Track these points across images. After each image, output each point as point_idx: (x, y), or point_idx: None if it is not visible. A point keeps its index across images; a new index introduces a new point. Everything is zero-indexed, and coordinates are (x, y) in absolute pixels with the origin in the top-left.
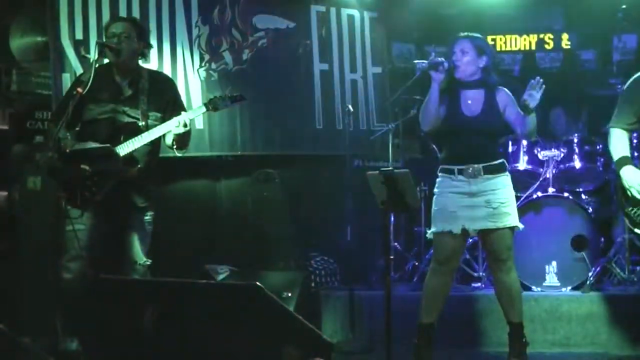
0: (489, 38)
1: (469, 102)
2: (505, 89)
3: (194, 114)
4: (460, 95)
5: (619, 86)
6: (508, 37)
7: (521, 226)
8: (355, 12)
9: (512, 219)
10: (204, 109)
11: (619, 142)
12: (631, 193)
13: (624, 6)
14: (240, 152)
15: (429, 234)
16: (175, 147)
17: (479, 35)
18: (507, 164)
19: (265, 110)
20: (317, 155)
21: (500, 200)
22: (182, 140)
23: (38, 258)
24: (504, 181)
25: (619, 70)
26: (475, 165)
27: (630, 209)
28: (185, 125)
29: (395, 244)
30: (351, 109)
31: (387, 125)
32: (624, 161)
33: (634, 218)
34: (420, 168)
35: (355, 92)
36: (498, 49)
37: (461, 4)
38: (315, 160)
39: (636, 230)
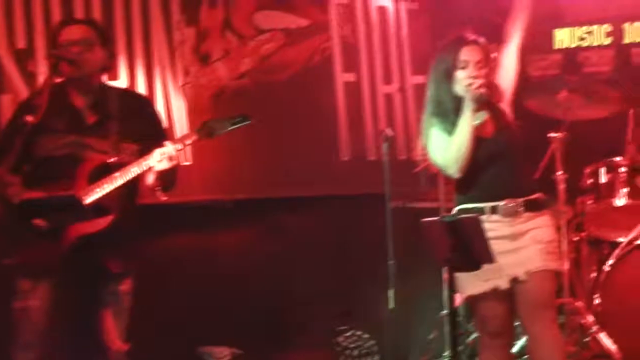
0: (566, 30)
1: (489, 122)
2: None
3: (182, 143)
4: (486, 115)
5: None
6: (594, 28)
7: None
8: (389, 3)
9: (562, 262)
10: (194, 137)
11: None
12: None
13: None
14: (241, 195)
15: (458, 301)
16: (158, 189)
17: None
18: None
19: (273, 138)
20: (343, 196)
21: (549, 237)
22: (167, 179)
23: None
24: (549, 219)
25: None
26: (511, 201)
27: None
28: (170, 159)
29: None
30: (389, 132)
31: None
32: None
33: None
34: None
35: (391, 110)
36: (579, 43)
37: None
38: (341, 202)
39: None
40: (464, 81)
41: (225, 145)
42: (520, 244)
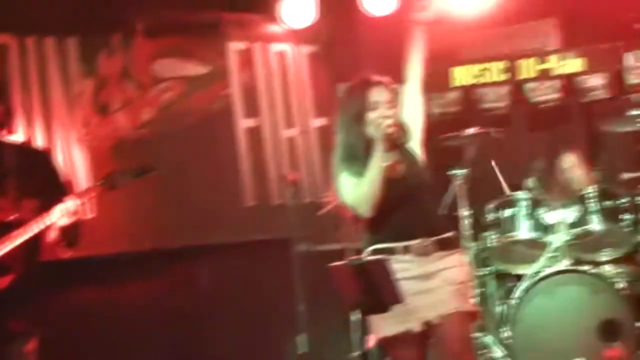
0: (463, 69)
1: (399, 162)
2: None
3: (83, 197)
4: (396, 156)
5: None
6: (490, 65)
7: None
8: (288, 48)
9: (475, 304)
10: (97, 190)
11: None
12: None
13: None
14: (148, 246)
15: (372, 343)
16: (62, 245)
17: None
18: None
19: (176, 187)
20: (250, 243)
21: (461, 278)
22: (71, 234)
23: None
24: (463, 258)
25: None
26: (423, 240)
27: None
28: (72, 215)
29: None
30: (293, 176)
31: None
32: None
33: None
34: None
35: (294, 153)
36: (476, 81)
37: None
38: (248, 248)
39: None
40: (375, 122)
41: (130, 196)
42: (432, 285)
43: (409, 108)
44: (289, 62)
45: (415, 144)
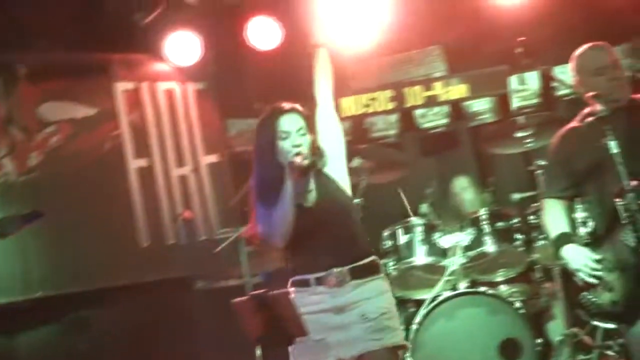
0: (351, 99)
1: (310, 190)
2: None
3: None
4: (302, 186)
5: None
6: (377, 94)
7: (409, 345)
8: (176, 86)
9: (398, 334)
10: None
11: (554, 216)
12: (581, 277)
13: (522, 38)
14: (38, 293)
15: None
16: None
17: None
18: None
19: (67, 232)
20: (146, 284)
21: (380, 310)
22: None
23: None
24: (382, 285)
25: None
26: (337, 270)
27: (582, 296)
28: None
29: None
30: (187, 215)
31: (235, 231)
32: (563, 239)
33: (589, 306)
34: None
35: (187, 192)
36: (364, 110)
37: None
38: (144, 289)
39: (594, 321)
40: (284, 151)
41: (20, 243)
42: (346, 320)
43: (324, 132)
44: (178, 100)
45: (336, 168)
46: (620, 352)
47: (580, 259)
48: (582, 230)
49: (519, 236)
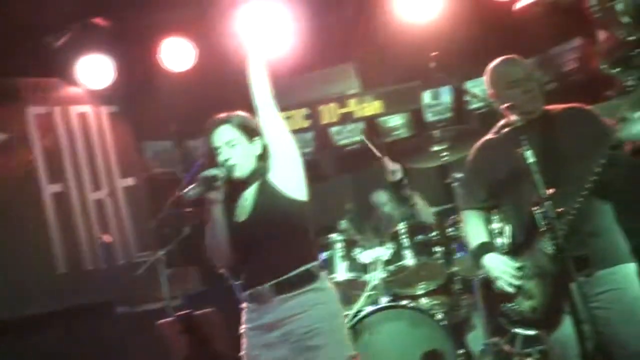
0: None
1: (246, 202)
2: None
3: None
4: (240, 199)
5: (444, 154)
6: (293, 112)
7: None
8: (89, 109)
9: (329, 351)
10: None
11: (473, 227)
12: (500, 285)
13: (435, 52)
14: None
15: None
16: None
17: (239, 113)
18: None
19: None
20: (65, 310)
21: (302, 330)
22: None
23: None
24: (313, 298)
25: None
26: (260, 287)
27: (503, 304)
28: None
29: None
30: (106, 239)
31: (154, 254)
32: (483, 249)
33: (510, 314)
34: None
35: (103, 216)
36: None
37: (229, 78)
38: (62, 316)
39: (516, 329)
40: (220, 165)
41: None
42: (271, 339)
43: (270, 135)
44: (91, 124)
45: (287, 170)
46: (540, 358)
47: (500, 267)
48: (499, 241)
49: (438, 249)
